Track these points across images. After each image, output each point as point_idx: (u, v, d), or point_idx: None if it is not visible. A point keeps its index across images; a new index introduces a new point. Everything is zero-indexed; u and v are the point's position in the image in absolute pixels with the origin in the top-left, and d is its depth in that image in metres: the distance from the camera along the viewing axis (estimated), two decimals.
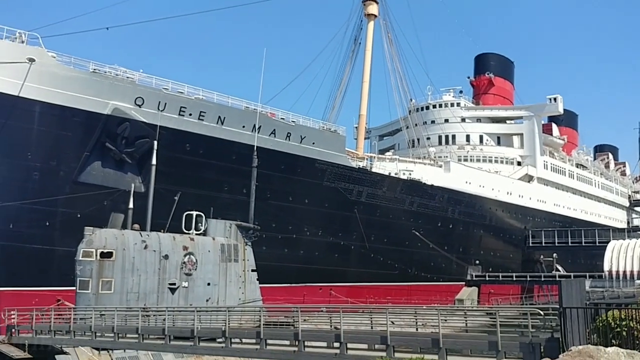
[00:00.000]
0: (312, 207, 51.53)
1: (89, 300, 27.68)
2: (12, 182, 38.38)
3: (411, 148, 72.77)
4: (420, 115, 79.21)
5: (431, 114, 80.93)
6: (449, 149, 77.16)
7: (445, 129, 79.26)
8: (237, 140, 45.15)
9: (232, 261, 33.73)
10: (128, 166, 41.75)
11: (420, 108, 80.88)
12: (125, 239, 29.14)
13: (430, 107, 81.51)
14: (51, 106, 38.62)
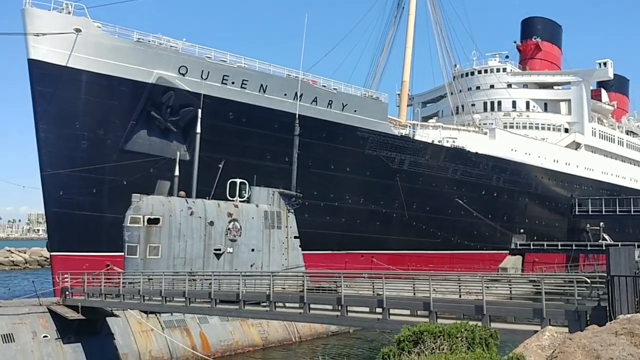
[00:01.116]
0: (354, 175, 51.49)
1: (137, 265, 28.54)
2: (62, 150, 39.43)
3: (455, 115, 71.49)
4: (464, 81, 77.65)
5: (476, 79, 79.18)
6: (494, 116, 75.55)
7: (491, 95, 77.49)
8: (279, 108, 45.24)
9: (275, 228, 34.15)
10: (173, 135, 42.37)
11: (465, 74, 79.20)
12: (171, 206, 29.79)
13: (475, 72, 79.70)
14: (97, 76, 39.35)
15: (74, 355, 25.71)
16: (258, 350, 31.58)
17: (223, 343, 30.89)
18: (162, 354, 28.48)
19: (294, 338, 34.49)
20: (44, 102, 38.62)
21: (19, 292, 41.50)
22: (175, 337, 29.07)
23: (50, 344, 25.42)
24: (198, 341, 29.88)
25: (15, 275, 79.88)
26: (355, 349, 32.37)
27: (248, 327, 32.56)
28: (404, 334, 7.33)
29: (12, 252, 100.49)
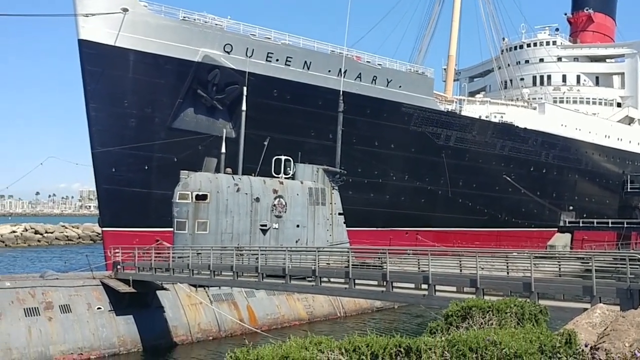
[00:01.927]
0: (398, 152, 51.16)
1: (186, 240, 29.20)
2: (112, 128, 40.42)
3: (503, 90, 69.98)
4: (513, 55, 75.73)
5: (525, 53, 77.09)
6: (544, 90, 73.58)
7: (540, 69, 75.40)
8: (323, 85, 45.16)
9: (320, 204, 34.35)
10: (219, 112, 42.87)
11: (514, 47, 77.18)
12: (218, 182, 30.27)
13: (524, 46, 77.57)
14: (144, 55, 39.99)
15: (126, 326, 26.61)
16: (304, 324, 32.01)
17: (270, 316, 31.46)
18: (211, 326, 29.21)
19: (339, 313, 34.83)
20: (94, 82, 39.54)
21: (74, 266, 43.05)
22: (223, 310, 29.74)
23: (104, 315, 26.37)
24: (245, 314, 30.50)
25: (70, 249, 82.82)
26: (401, 323, 32.49)
27: (294, 301, 33.04)
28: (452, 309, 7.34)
29: (66, 228, 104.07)
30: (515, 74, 72.37)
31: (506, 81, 71.69)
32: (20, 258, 69.75)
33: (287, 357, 5.02)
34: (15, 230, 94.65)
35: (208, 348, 27.49)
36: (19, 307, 24.29)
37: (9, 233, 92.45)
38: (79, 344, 24.87)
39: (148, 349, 26.48)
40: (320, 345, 5.35)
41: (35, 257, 71.32)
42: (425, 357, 5.33)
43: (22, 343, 23.41)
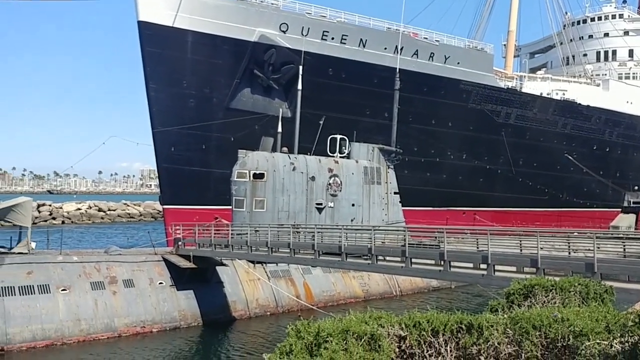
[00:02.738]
0: (456, 130, 50.30)
1: (244, 218, 29.74)
2: (171, 109, 41.29)
3: (565, 66, 67.55)
4: (576, 29, 72.84)
5: (589, 27, 73.99)
6: (608, 66, 70.60)
7: (605, 44, 72.29)
8: (378, 63, 44.73)
9: (375, 183, 34.26)
10: (275, 92, 43.12)
11: (577, 22, 74.18)
12: (275, 161, 30.60)
13: (587, 20, 74.42)
14: (202, 35, 40.52)
15: (186, 301, 27.40)
16: (359, 302, 32.20)
17: (326, 293, 31.77)
18: (268, 302, 29.77)
19: (394, 292, 34.85)
20: (153, 63, 40.39)
21: (136, 242, 44.49)
22: (281, 287, 30.22)
23: (165, 290, 27.22)
24: (302, 291, 30.91)
25: (132, 226, 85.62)
26: (459, 302, 32.24)
27: (350, 279, 33.24)
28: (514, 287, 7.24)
29: (128, 205, 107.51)
30: (578, 49, 69.72)
31: (568, 57, 69.17)
32: (86, 234, 72.70)
33: (347, 330, 5.07)
34: (80, 207, 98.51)
35: (266, 323, 28.04)
36: (85, 281, 25.35)
37: (75, 210, 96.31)
38: (142, 317, 25.79)
39: (207, 323, 27.22)
40: (380, 320, 5.38)
41: (101, 233, 74.16)
42: (487, 334, 5.28)
43: (90, 315, 24.47)
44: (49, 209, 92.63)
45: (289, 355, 4.89)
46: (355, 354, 4.65)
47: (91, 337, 24.06)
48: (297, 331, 5.13)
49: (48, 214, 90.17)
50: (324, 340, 4.97)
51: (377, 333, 5.01)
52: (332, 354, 4.61)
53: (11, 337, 22.32)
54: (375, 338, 4.98)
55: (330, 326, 5.08)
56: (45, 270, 24.70)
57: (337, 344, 4.79)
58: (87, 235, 70.38)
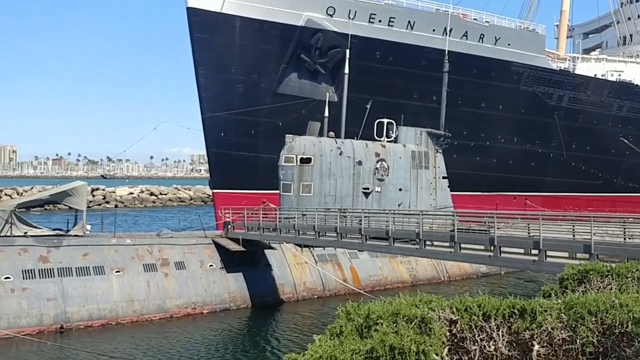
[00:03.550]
0: (507, 113, 49.27)
1: (291, 202, 29.97)
2: (220, 94, 41.77)
3: (622, 46, 65.04)
4: (634, 7, 69.81)
5: None
6: None
7: None
8: (426, 45, 44.09)
9: (423, 168, 33.95)
10: (322, 76, 43.06)
11: None
12: (322, 146, 30.65)
13: None
14: (250, 20, 40.71)
15: (236, 283, 27.88)
16: (407, 287, 32.10)
17: (373, 278, 31.80)
18: (316, 285, 30.00)
19: (442, 277, 34.60)
20: (202, 49, 40.86)
21: (187, 226, 45.41)
22: (328, 270, 30.40)
23: (216, 272, 27.74)
24: (349, 275, 31.03)
25: (182, 210, 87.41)
26: (509, 288, 31.79)
27: (397, 264, 33.15)
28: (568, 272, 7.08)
29: (178, 190, 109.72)
30: (637, 28, 66.93)
31: (625, 37, 66.53)
32: (140, 217, 74.74)
33: (397, 313, 5.07)
34: (133, 192, 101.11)
35: (313, 306, 28.29)
36: (138, 263, 26.07)
37: (127, 194, 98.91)
38: (193, 299, 26.39)
39: (256, 305, 27.65)
40: (430, 303, 5.36)
41: (153, 216, 76.02)
42: (541, 318, 5.20)
43: (142, 296, 25.18)
44: (103, 193, 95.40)
45: (339, 336, 4.93)
46: (406, 336, 4.64)
47: (144, 317, 24.77)
48: (347, 313, 5.16)
49: (102, 198, 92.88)
50: (374, 322, 4.99)
51: (427, 316, 4.99)
52: (382, 336, 4.62)
53: (69, 316, 23.20)
54: (426, 321, 4.97)
55: (380, 309, 5.09)
56: (100, 252, 25.51)
57: (388, 326, 4.80)
58: (140, 219, 72.25)
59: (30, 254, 23.88)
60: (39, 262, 23.77)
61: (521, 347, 5.29)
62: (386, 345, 4.55)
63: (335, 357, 4.47)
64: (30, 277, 23.19)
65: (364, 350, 4.59)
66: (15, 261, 23.34)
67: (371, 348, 4.55)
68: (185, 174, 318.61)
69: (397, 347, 4.56)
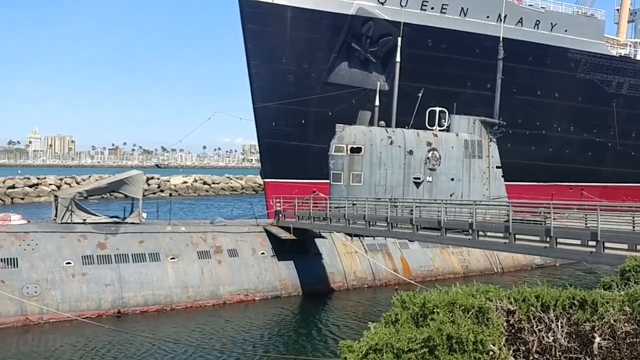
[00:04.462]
0: (563, 101, 47.96)
1: (342, 192, 30.00)
2: (271, 84, 42.10)
3: None
4: None
5: None
6: None
7: None
8: (480, 32, 43.27)
9: (476, 157, 33.42)
10: (372, 65, 42.84)
11: None
12: (372, 135, 30.52)
13: None
14: (301, 10, 40.80)
15: (286, 271, 28.15)
16: (458, 278, 31.67)
17: (423, 268, 31.57)
18: (366, 274, 29.99)
19: (495, 268, 34.05)
20: (254, 39, 41.23)
21: (239, 214, 46.06)
22: (378, 260, 30.34)
23: (267, 260, 28.08)
24: (399, 265, 30.88)
25: (235, 199, 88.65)
26: (565, 280, 31.05)
27: (449, 255, 32.80)
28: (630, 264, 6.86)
29: (230, 179, 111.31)
30: None
31: None
32: (196, 205, 76.48)
33: (454, 303, 5.02)
34: (187, 181, 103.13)
35: (364, 295, 28.32)
36: (193, 250, 26.62)
37: (181, 183, 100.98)
38: (245, 286, 26.80)
39: (307, 293, 27.87)
40: (487, 293, 5.28)
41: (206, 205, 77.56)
42: (602, 310, 5.06)
43: (196, 282, 25.72)
44: (157, 182, 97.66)
45: (394, 324, 4.92)
46: (464, 326, 4.60)
47: (197, 303, 25.31)
48: (402, 301, 5.15)
49: (156, 187, 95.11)
50: (430, 311, 4.96)
51: (485, 306, 4.92)
52: (440, 325, 4.59)
53: (126, 301, 23.93)
54: (483, 311, 4.90)
55: (436, 298, 5.05)
56: (155, 240, 26.17)
57: (444, 315, 4.76)
58: (195, 207, 73.80)
59: (89, 241, 24.71)
60: (98, 248, 24.58)
61: (581, 339, 5.16)
62: (443, 334, 4.52)
63: (391, 345, 4.47)
64: (90, 262, 24.01)
65: (420, 339, 4.57)
66: (75, 247, 24.20)
67: (428, 337, 4.53)
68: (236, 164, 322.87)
69: (455, 336, 4.52)
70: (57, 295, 22.69)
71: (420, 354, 4.46)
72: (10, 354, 18.78)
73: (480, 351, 4.55)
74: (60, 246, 23.94)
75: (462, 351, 4.49)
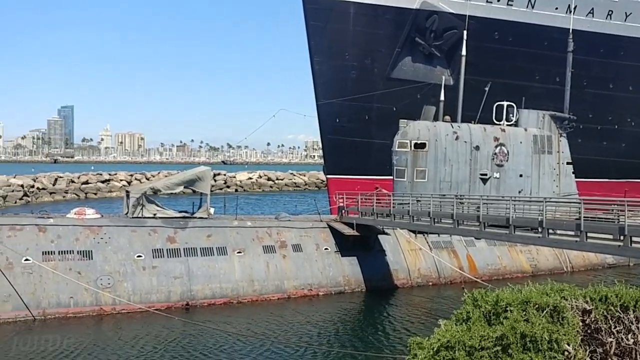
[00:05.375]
0: (638, 95, 45.90)
1: (405, 188, 29.78)
2: (334, 81, 42.15)
3: None
4: None
5: None
6: None
7: None
8: (549, 24, 41.98)
9: (545, 153, 32.51)
10: (437, 59, 42.25)
11: None
12: (437, 131, 30.14)
13: None
14: (364, 6, 40.67)
15: (350, 267, 28.20)
16: (526, 277, 30.88)
17: (490, 267, 30.95)
18: (430, 272, 29.68)
19: (565, 267, 33.02)
20: (317, 36, 41.38)
21: (303, 210, 46.45)
22: (443, 258, 29.96)
23: (331, 256, 28.21)
24: (465, 263, 30.40)
25: (298, 194, 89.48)
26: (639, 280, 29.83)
27: (516, 253, 32.04)
28: None
29: (294, 175, 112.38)
30: None
31: None
32: (261, 200, 77.79)
33: (527, 301, 4.93)
34: (251, 177, 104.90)
35: (428, 293, 28.03)
36: (258, 245, 27.06)
37: (246, 179, 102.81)
38: (309, 281, 27.03)
39: (370, 290, 27.83)
40: (562, 292, 5.16)
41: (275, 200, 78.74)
42: None
43: (262, 276, 26.14)
44: (224, 177, 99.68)
45: (466, 322, 4.88)
46: (538, 325, 4.51)
47: (263, 297, 25.73)
48: (474, 299, 5.10)
49: (223, 183, 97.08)
50: (502, 310, 4.89)
51: (560, 305, 4.82)
52: (513, 323, 4.53)
53: (195, 294, 24.59)
54: (558, 310, 4.79)
55: (509, 296, 4.97)
56: (222, 234, 26.76)
57: (518, 313, 4.68)
58: (260, 202, 74.97)
59: (159, 235, 25.52)
60: (167, 242, 25.35)
61: None
62: (517, 333, 4.46)
63: (463, 342, 4.44)
64: (160, 256, 24.79)
65: (493, 337, 4.51)
66: (146, 241, 25.05)
67: (501, 335, 4.47)
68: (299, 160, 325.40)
69: (529, 334, 4.45)
70: (129, 287, 23.57)
71: (493, 352, 4.41)
72: (87, 342, 19.65)
73: (555, 350, 4.46)
74: (132, 240, 24.83)
75: (537, 350, 4.41)
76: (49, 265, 22.66)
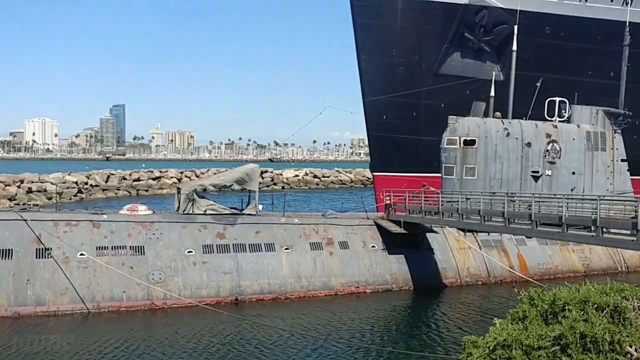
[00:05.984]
0: None
1: (454, 185, 29.43)
2: (381, 78, 41.98)
3: None
4: None
5: None
6: None
7: None
8: (603, 17, 40.77)
9: (599, 150, 31.63)
10: (486, 55, 41.56)
11: None
12: (487, 127, 29.66)
13: None
14: (412, 2, 40.33)
15: (397, 265, 28.04)
16: (579, 276, 30.12)
17: (542, 266, 30.30)
18: (480, 271, 29.25)
19: (619, 267, 32.04)
20: (364, 33, 41.27)
21: (349, 207, 46.44)
22: (493, 256, 29.49)
23: (378, 253, 28.12)
24: (515, 262, 29.84)
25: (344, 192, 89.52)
26: None
27: (569, 252, 31.27)
28: None
29: (340, 172, 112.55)
30: None
31: None
32: (308, 197, 78.28)
33: (586, 301, 4.82)
34: (298, 174, 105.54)
35: (478, 292, 27.63)
36: (305, 241, 27.21)
37: (293, 177, 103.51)
38: (356, 278, 27.02)
39: (418, 288, 27.62)
40: (623, 292, 5.02)
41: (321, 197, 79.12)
42: None
43: (309, 273, 26.27)
44: (271, 175, 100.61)
45: (522, 321, 4.80)
46: (598, 325, 4.41)
47: (310, 293, 25.86)
48: (530, 298, 5.01)
49: (270, 180, 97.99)
50: (560, 309, 4.79)
51: (621, 305, 4.69)
52: (573, 323, 4.43)
53: (243, 289, 24.91)
54: (619, 310, 4.67)
55: (567, 295, 4.87)
56: (270, 231, 27.01)
57: (577, 313, 4.58)
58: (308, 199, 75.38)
59: (209, 231, 25.95)
60: (217, 238, 25.76)
61: None
62: (577, 333, 4.36)
63: (520, 342, 4.37)
64: (209, 251, 25.22)
65: (551, 336, 4.43)
66: (196, 237, 25.51)
67: (560, 334, 4.38)
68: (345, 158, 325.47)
69: (589, 335, 4.35)
70: (180, 282, 24.06)
71: (551, 352, 4.33)
72: (140, 336, 20.16)
73: (617, 352, 4.35)
74: (182, 236, 25.33)
75: (597, 351, 4.31)
76: (102, 260, 23.35)
